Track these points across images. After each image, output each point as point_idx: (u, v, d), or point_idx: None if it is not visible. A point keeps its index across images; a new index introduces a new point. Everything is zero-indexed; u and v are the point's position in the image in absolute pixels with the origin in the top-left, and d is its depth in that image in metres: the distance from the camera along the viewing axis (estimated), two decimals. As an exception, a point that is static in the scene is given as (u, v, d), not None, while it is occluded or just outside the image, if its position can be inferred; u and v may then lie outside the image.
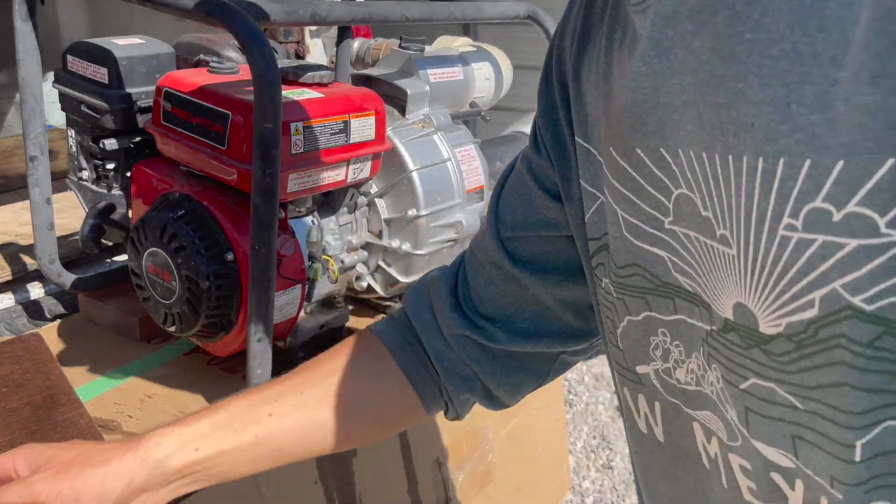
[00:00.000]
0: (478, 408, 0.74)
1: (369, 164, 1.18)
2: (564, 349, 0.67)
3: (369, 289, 1.36)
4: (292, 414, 0.65)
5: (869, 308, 0.37)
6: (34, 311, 1.35)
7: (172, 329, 1.10)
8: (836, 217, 0.36)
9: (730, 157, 0.39)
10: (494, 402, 0.72)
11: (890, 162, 0.34)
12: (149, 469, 0.60)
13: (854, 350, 0.39)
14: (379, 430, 0.75)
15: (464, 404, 0.72)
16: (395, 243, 1.30)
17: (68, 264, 1.30)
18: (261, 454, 0.65)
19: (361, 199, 1.28)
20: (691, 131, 0.41)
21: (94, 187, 1.28)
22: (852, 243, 0.36)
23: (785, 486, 0.46)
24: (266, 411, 0.64)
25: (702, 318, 0.45)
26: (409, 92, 1.31)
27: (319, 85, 1.13)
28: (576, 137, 0.55)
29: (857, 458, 0.40)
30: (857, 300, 0.37)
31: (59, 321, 1.34)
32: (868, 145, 0.34)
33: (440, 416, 0.72)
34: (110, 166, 1.25)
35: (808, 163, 0.36)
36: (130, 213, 1.22)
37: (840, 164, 0.35)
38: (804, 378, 0.41)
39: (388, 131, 1.24)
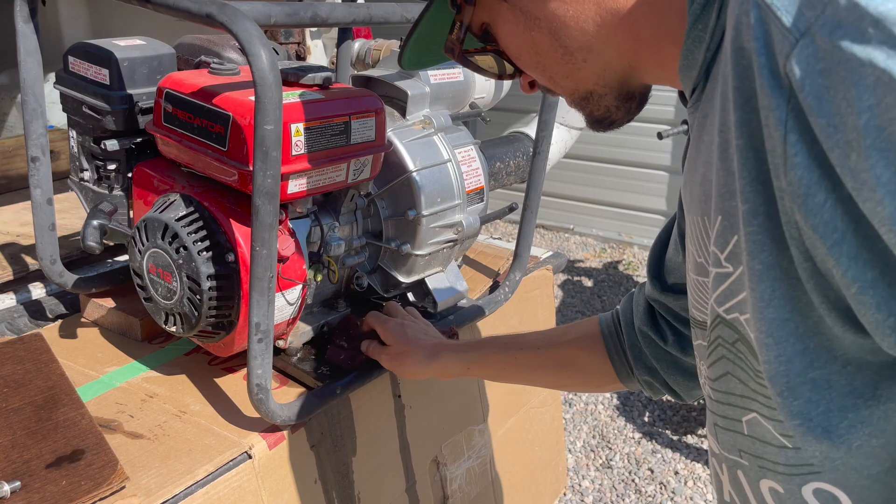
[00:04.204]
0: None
1: (370, 164, 1.18)
2: None
3: (369, 289, 1.36)
4: (531, 359, 1.07)
5: (728, 317, 0.57)
6: (35, 311, 1.36)
7: (173, 329, 1.11)
8: (710, 252, 0.59)
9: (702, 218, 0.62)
10: (675, 395, 0.95)
11: (720, 218, 0.56)
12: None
13: (726, 348, 0.59)
14: (584, 387, 1.15)
15: (650, 385, 0.97)
16: (395, 244, 1.30)
17: (70, 264, 1.30)
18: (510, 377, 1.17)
19: (362, 200, 1.29)
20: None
21: (95, 188, 1.29)
22: (713, 272, 0.58)
23: (718, 472, 0.66)
24: (514, 355, 1.09)
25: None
26: (409, 93, 1.32)
27: (320, 86, 1.14)
28: None
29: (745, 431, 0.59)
30: (720, 310, 0.59)
31: (60, 321, 1.34)
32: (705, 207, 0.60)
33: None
34: (111, 167, 1.25)
35: (705, 219, 0.60)
36: (131, 213, 1.23)
37: (718, 219, 0.57)
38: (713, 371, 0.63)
39: (389, 132, 1.25)
